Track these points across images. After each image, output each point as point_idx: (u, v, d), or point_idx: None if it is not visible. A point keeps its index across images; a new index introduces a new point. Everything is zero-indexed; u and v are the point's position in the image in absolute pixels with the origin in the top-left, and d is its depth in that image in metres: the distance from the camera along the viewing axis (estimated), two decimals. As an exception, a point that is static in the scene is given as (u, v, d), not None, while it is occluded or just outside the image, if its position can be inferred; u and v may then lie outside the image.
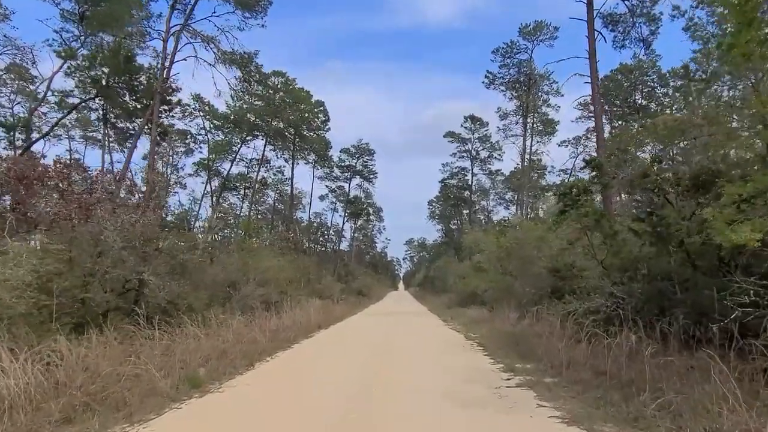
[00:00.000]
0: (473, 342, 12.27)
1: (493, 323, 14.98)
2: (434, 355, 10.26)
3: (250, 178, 35.86)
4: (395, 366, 9.20)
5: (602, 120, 18.79)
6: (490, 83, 35.37)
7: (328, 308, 23.58)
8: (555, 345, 8.94)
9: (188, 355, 8.69)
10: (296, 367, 9.56)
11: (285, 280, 19.21)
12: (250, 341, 11.56)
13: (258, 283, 17.06)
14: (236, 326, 12.35)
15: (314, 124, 38.70)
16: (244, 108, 30.93)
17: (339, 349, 11.76)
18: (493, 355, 9.74)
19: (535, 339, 10.70)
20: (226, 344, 10.33)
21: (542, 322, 13.15)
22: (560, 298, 11.13)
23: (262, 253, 19.16)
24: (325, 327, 17.36)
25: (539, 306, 14.27)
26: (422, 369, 8.73)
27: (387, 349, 11.46)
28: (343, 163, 52.00)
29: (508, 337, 11.86)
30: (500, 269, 25.64)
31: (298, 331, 14.65)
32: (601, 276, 9.87)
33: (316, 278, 33.95)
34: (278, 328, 14.13)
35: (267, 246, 22.19)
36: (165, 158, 41.57)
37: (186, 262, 11.77)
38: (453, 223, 64.29)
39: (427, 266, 77.69)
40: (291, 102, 32.69)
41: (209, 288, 14.60)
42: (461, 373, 8.12)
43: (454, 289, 37.20)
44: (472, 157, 53.08)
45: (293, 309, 17.43)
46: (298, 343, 12.82)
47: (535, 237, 15.17)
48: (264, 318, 14.62)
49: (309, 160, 42.73)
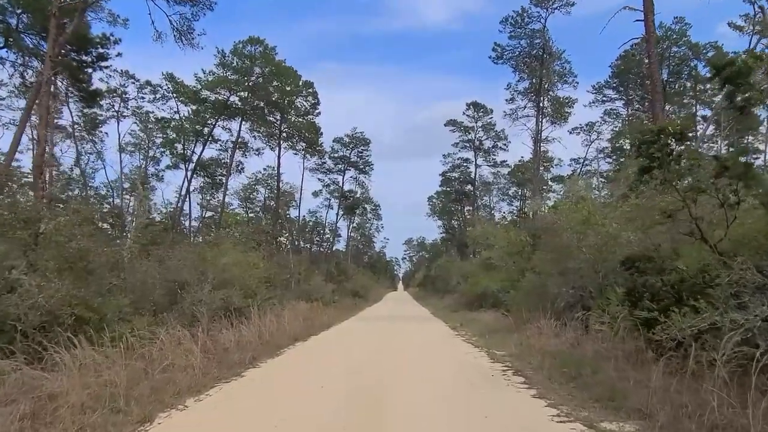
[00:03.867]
0: (504, 366, 8.56)
1: (522, 335, 11.30)
2: (453, 399, 6.43)
3: (225, 163, 31.90)
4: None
5: (658, 66, 15.14)
6: (497, 58, 31.66)
7: (314, 313, 19.93)
8: (649, 381, 5.32)
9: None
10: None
11: (257, 280, 15.48)
12: (181, 369, 7.89)
13: (217, 284, 13.39)
14: (168, 345, 8.69)
15: (302, 108, 34.85)
16: (214, 80, 27.02)
17: (302, 385, 7.74)
18: (549, 397, 6.03)
19: (603, 363, 7.06)
20: (127, 380, 6.64)
21: (592, 335, 9.62)
22: (636, 303, 7.46)
23: (225, 246, 15.44)
24: (304, 339, 13.67)
25: (586, 312, 10.73)
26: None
27: (377, 381, 7.64)
28: (336, 153, 48.16)
29: (554, 359, 8.19)
30: (514, 266, 22.20)
31: (261, 348, 10.97)
32: (716, 265, 6.16)
33: (305, 278, 30.40)
34: (233, 344, 10.46)
35: (238, 238, 18.41)
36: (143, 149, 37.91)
37: (86, 253, 8.06)
38: (454, 220, 60.68)
39: (427, 266, 73.96)
40: (270, 73, 28.61)
41: (143, 291, 10.94)
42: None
43: (459, 289, 33.65)
44: (476, 148, 49.40)
45: (263, 317, 13.73)
46: (256, 367, 9.12)
47: (577, 221, 11.47)
48: (216, 331, 10.96)
49: (297, 150, 38.85)
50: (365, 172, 50.50)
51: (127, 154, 38.27)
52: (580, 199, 12.82)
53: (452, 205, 57.73)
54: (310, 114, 35.24)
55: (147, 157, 39.84)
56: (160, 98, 31.53)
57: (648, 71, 13.74)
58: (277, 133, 34.38)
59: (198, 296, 12.02)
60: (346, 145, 48.43)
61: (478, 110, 47.44)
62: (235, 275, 14.24)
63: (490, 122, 47.61)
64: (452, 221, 60.71)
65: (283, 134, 34.95)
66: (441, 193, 58.11)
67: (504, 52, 31.11)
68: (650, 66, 13.86)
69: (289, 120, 34.62)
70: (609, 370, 6.67)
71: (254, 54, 27.79)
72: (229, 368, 8.70)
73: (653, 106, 13.19)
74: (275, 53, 27.63)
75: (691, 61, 29.33)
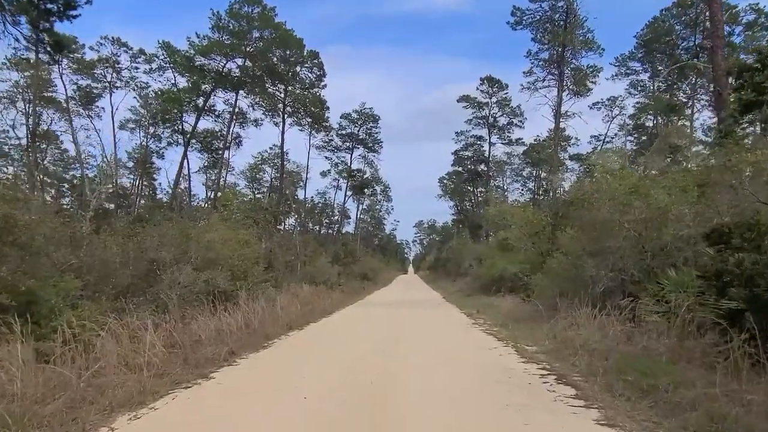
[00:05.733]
0: (541, 368, 6.76)
1: (554, 325, 9.48)
2: (484, 427, 4.60)
3: (221, 136, 29.98)
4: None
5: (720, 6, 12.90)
6: (516, 24, 29.21)
7: (317, 297, 18.30)
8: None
9: None
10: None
11: (248, 261, 13.77)
12: (131, 370, 6.23)
13: (201, 264, 11.73)
14: (124, 338, 7.05)
15: (307, 80, 32.72)
16: (209, 44, 24.93)
17: (279, 394, 5.95)
18: (622, 425, 4.21)
19: (691, 373, 5.26)
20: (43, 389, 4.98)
21: (643, 328, 7.91)
22: (723, 290, 5.59)
23: (213, 222, 13.74)
24: (300, 326, 12.02)
25: (633, 300, 8.97)
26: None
27: (377, 392, 5.91)
28: (343, 130, 46.01)
29: (604, 359, 6.40)
30: (533, 247, 20.39)
31: (247, 338, 9.31)
32: None
33: (311, 261, 28.78)
34: (212, 334, 8.80)
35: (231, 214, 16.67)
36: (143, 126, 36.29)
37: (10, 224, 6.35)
38: (467, 201, 58.63)
39: (438, 248, 72.13)
40: (270, 38, 26.44)
41: (105, 272, 9.27)
42: None
43: (472, 272, 31.85)
44: (489, 125, 47.09)
45: (255, 302, 12.07)
46: (232, 364, 7.44)
47: (622, 190, 9.54)
48: (193, 319, 9.30)
49: (303, 125, 36.82)
50: (374, 151, 48.45)
51: (127, 131, 36.83)
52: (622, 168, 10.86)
53: (464, 186, 55.62)
54: (315, 86, 33.17)
55: (147, 134, 38.45)
56: (156, 69, 29.74)
57: (709, 10, 11.60)
58: (281, 106, 32.39)
59: (175, 278, 10.41)
60: (354, 122, 46.26)
61: (492, 85, 45.05)
62: (222, 254, 12.56)
63: (505, 98, 45.25)
64: (464, 202, 58.68)
65: (287, 108, 32.94)
66: (452, 173, 55.98)
67: (524, 16, 28.70)
68: (711, 5, 11.66)
69: (294, 93, 32.54)
70: (694, 381, 4.85)
71: (252, 15, 25.65)
72: (196, 367, 7.03)
73: (713, 54, 11.08)
74: (275, 14, 25.54)
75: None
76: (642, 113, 37.48)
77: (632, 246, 10.29)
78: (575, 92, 31.90)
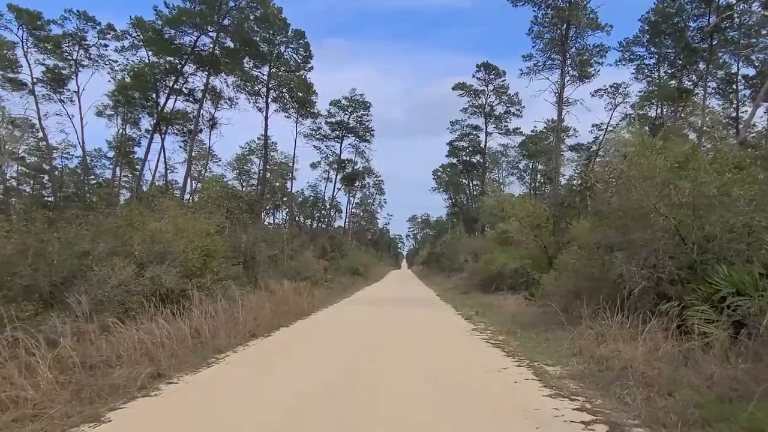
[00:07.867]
0: (579, 410, 4.76)
1: (576, 336, 7.53)
2: None
3: (191, 116, 27.64)
4: None
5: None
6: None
7: (298, 295, 16.24)
8: None
9: None
10: None
11: (212, 255, 11.73)
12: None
13: (146, 259, 9.69)
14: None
15: (292, 61, 30.45)
16: (177, 13, 22.60)
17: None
18: None
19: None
20: None
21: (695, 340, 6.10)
22: None
23: (165, 208, 11.65)
24: (266, 333, 10.01)
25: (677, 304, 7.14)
26: None
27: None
28: (332, 118, 43.77)
29: (670, 395, 4.46)
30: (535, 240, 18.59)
31: (186, 353, 7.30)
32: None
33: (296, 255, 26.79)
34: (132, 351, 6.75)
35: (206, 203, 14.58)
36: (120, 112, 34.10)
37: None
38: (462, 194, 56.72)
39: (432, 242, 70.22)
40: (248, 7, 24.08)
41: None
42: None
43: (467, 268, 29.96)
44: (486, 114, 45.09)
45: (217, 303, 10.04)
46: (148, 396, 5.44)
47: (665, 167, 7.55)
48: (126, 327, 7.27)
49: (289, 110, 34.53)
50: (366, 140, 46.27)
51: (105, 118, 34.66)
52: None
53: (459, 178, 53.69)
54: (301, 69, 30.94)
55: (126, 120, 36.22)
56: (129, 48, 27.44)
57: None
58: (264, 90, 30.15)
59: (104, 275, 8.37)
60: (344, 109, 43.98)
61: (489, 72, 43.01)
62: (174, 247, 10.50)
63: (502, 85, 43.25)
64: (459, 195, 56.77)
65: (271, 92, 30.70)
66: (447, 165, 54.01)
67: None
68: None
69: (277, 75, 30.27)
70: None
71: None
72: (92, 402, 5.01)
73: None
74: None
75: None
76: (647, 101, 35.65)
77: (670, 237, 8.37)
78: (579, 76, 29.93)
